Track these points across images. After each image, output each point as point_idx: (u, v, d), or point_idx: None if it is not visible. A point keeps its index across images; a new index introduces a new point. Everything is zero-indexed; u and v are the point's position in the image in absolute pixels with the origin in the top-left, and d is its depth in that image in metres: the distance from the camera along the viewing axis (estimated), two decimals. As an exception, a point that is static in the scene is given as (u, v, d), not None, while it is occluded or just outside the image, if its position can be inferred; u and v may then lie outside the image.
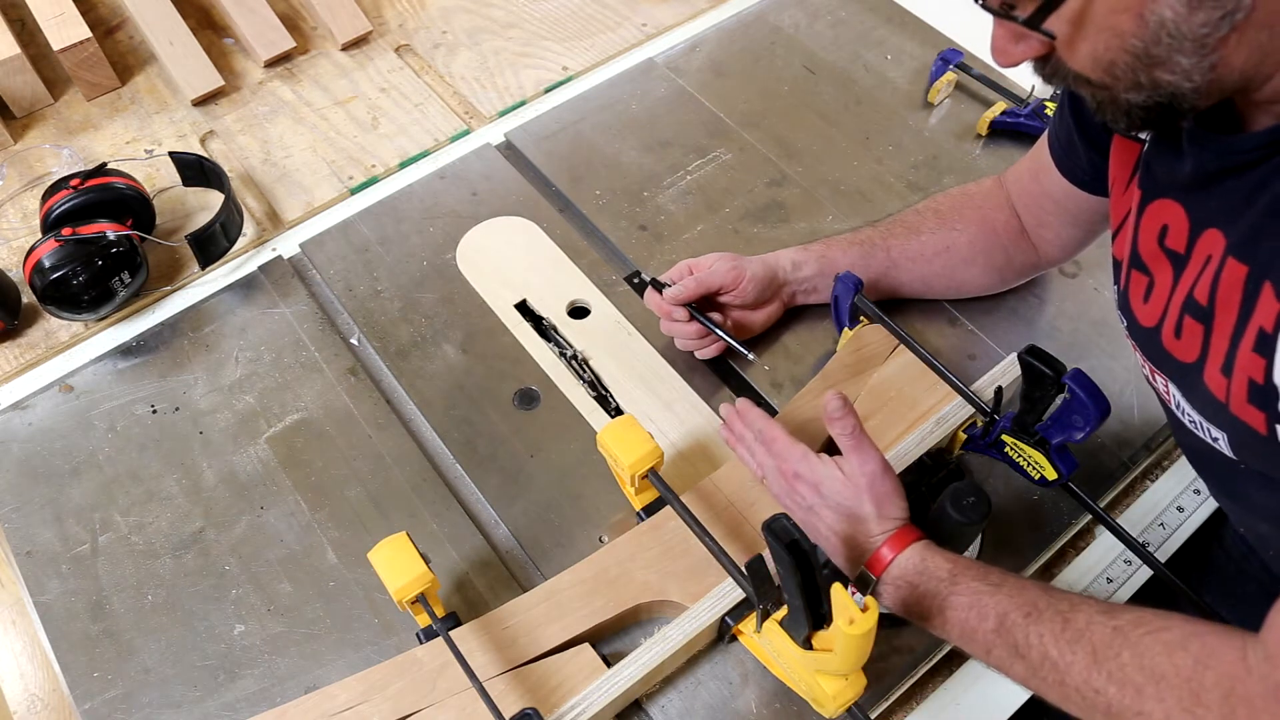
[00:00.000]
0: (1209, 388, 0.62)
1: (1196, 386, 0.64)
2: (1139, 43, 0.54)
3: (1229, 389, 0.60)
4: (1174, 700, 0.57)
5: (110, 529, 0.85)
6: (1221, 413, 0.62)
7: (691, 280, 0.89)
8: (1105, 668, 0.60)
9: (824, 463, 0.75)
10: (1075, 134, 0.80)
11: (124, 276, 0.94)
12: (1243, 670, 0.56)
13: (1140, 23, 0.53)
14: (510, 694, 0.71)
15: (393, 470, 0.88)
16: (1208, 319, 0.62)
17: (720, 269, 0.89)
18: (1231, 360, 0.60)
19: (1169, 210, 0.65)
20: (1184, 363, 0.65)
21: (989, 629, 0.65)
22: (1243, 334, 0.58)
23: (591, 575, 0.78)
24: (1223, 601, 0.91)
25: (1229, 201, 0.60)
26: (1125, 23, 0.54)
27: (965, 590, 0.68)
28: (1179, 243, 0.64)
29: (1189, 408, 0.67)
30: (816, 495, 0.74)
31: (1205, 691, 0.56)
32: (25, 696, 0.80)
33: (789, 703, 0.76)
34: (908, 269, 0.93)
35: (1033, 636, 0.63)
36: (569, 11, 1.29)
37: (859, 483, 0.72)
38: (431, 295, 1.00)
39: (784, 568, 0.60)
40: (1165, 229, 0.66)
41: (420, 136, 1.15)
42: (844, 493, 0.73)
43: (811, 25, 1.28)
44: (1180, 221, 0.64)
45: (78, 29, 1.14)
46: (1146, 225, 0.68)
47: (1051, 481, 0.81)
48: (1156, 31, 0.53)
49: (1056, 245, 0.91)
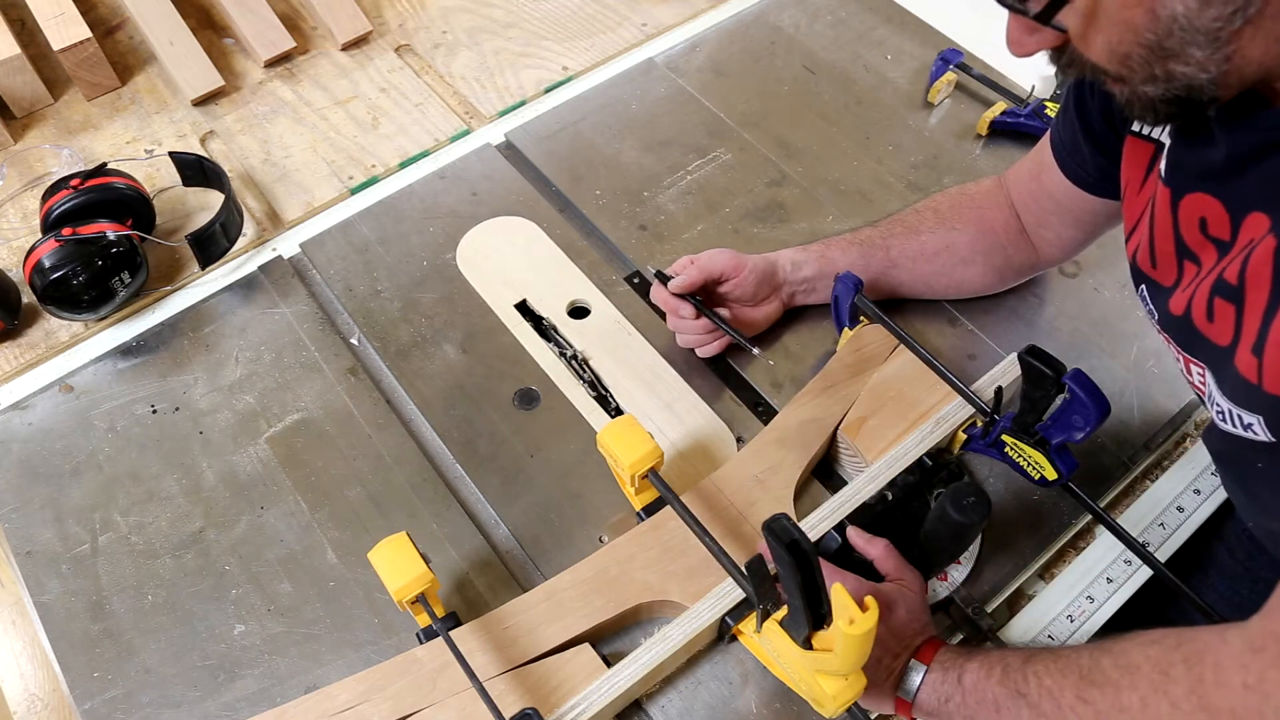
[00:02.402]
0: (1239, 371, 0.62)
1: (1228, 372, 0.64)
2: (1152, 35, 0.54)
3: (1260, 368, 0.59)
4: (1146, 685, 0.58)
5: (110, 529, 0.85)
6: (1255, 395, 0.61)
7: (694, 268, 0.90)
8: (1090, 678, 0.61)
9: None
10: (1081, 136, 0.80)
11: (124, 276, 0.94)
12: (1218, 641, 0.56)
13: (1152, 17, 0.53)
14: (510, 694, 0.71)
15: (393, 470, 0.88)
16: (1238, 298, 0.61)
17: (721, 256, 0.90)
18: (1264, 338, 0.58)
19: (1203, 203, 0.65)
20: (1219, 346, 0.64)
21: (995, 682, 0.66)
22: (1278, 308, 0.57)
23: (591, 575, 0.78)
24: (1225, 602, 0.91)
25: (1269, 180, 0.59)
26: (1137, 16, 0.54)
27: (976, 655, 0.69)
28: (1223, 231, 0.63)
29: (1219, 396, 0.66)
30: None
31: (1173, 666, 0.57)
32: (25, 696, 0.80)
33: (789, 703, 0.76)
34: (907, 269, 0.93)
35: (1029, 674, 0.65)
36: (569, 11, 1.29)
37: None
38: (431, 295, 1.00)
39: (784, 568, 0.60)
40: (1204, 221, 0.65)
41: (420, 136, 1.15)
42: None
43: (811, 25, 1.28)
44: (1218, 212, 0.64)
45: (78, 29, 1.14)
46: (1185, 219, 0.67)
47: (1051, 481, 0.81)
48: (1169, 25, 0.53)
49: (1056, 245, 0.91)
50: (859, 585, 0.74)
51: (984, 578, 0.83)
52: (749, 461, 0.85)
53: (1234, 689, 0.53)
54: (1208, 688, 0.55)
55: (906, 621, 0.72)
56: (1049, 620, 0.82)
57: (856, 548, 0.78)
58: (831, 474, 0.89)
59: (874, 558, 0.77)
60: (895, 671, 0.71)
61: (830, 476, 0.89)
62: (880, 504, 0.81)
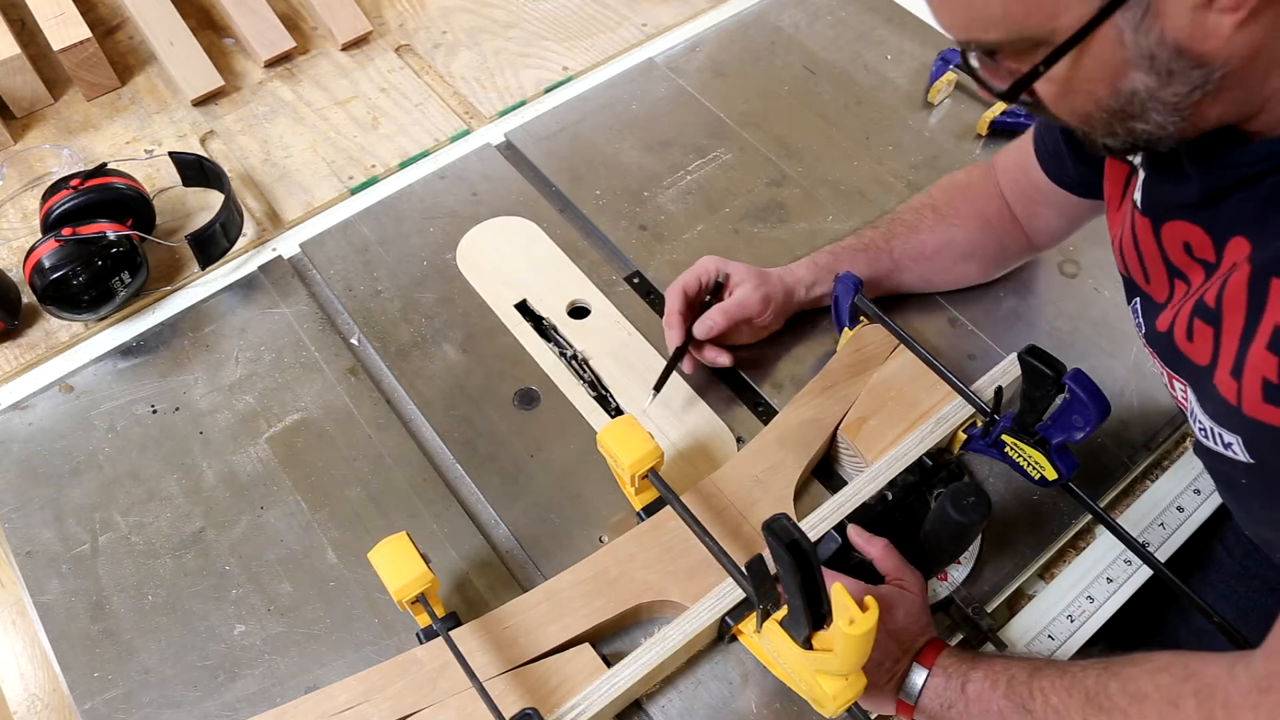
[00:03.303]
0: (1220, 391, 0.62)
1: (1208, 391, 0.64)
2: (1114, 104, 0.56)
3: (1240, 391, 0.60)
4: (1155, 716, 0.58)
5: (110, 529, 0.85)
6: (1233, 416, 0.62)
7: (720, 317, 0.89)
8: (1096, 702, 0.61)
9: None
10: (1064, 145, 0.81)
11: (124, 276, 0.94)
12: (1226, 678, 0.56)
13: (1114, 91, 0.55)
14: (510, 694, 0.71)
15: (393, 470, 0.88)
16: (1216, 321, 0.62)
17: (750, 302, 0.89)
18: (1242, 362, 0.59)
19: (1185, 230, 0.65)
20: (1198, 365, 0.65)
21: (999, 694, 0.66)
22: (1254, 334, 0.58)
23: (591, 575, 0.78)
24: (1224, 602, 0.91)
25: (1246, 208, 0.60)
26: (1100, 90, 0.55)
27: (981, 663, 0.69)
28: (1207, 254, 0.64)
29: (1201, 414, 0.67)
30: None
31: (1183, 699, 0.57)
32: (25, 696, 0.80)
33: (789, 703, 0.76)
34: (910, 269, 0.94)
35: (1035, 690, 0.65)
36: (569, 11, 1.29)
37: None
38: (431, 295, 1.00)
39: (784, 568, 0.60)
40: (1188, 245, 0.65)
41: (420, 136, 1.15)
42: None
43: (811, 25, 1.28)
44: (1201, 236, 0.64)
45: (78, 29, 1.14)
46: (1169, 244, 0.67)
47: (1051, 481, 0.81)
48: (1130, 97, 0.55)
49: (1047, 234, 0.92)
50: (857, 588, 0.74)
51: (984, 578, 0.83)
52: (749, 461, 0.85)
53: None
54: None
55: (906, 624, 0.72)
56: (1049, 620, 0.82)
57: (856, 547, 0.78)
58: (831, 474, 0.89)
59: (873, 557, 0.77)
60: (897, 675, 0.71)
61: (830, 476, 0.89)
62: (880, 504, 0.81)
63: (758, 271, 0.91)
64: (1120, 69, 0.53)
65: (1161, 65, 0.52)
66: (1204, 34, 0.50)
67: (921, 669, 0.70)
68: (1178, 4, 0.49)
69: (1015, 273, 1.00)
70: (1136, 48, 0.52)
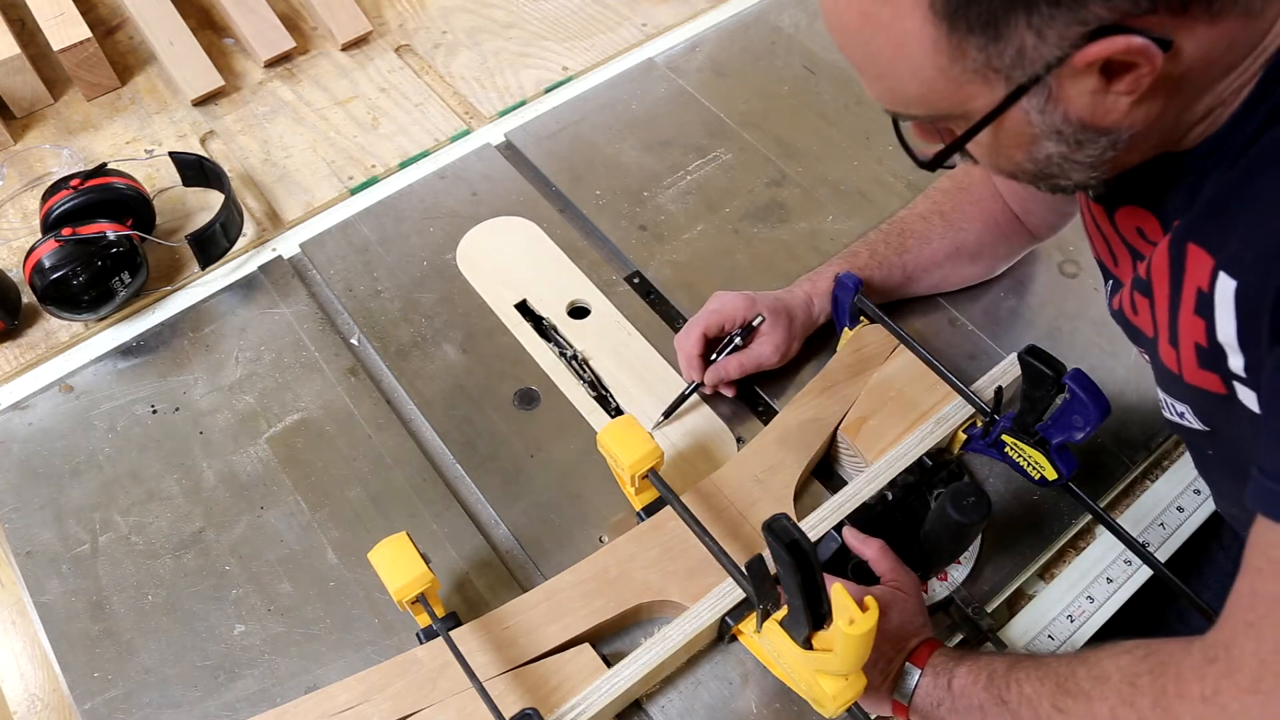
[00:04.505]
0: (1164, 362, 0.64)
1: (1157, 361, 0.66)
2: (1032, 167, 0.60)
3: (1179, 359, 0.62)
4: (1115, 696, 0.59)
5: (110, 529, 0.85)
6: (1178, 384, 0.63)
7: (736, 371, 0.89)
8: (1065, 688, 0.62)
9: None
10: None
11: (124, 276, 0.94)
12: (1181, 653, 0.57)
13: (1031, 157, 0.59)
14: (510, 694, 0.71)
15: (393, 470, 0.88)
16: (1148, 291, 0.64)
17: (767, 357, 0.89)
18: (1175, 329, 0.61)
19: (1136, 215, 0.67)
20: (1147, 336, 0.67)
21: (980, 688, 0.67)
22: (1179, 300, 0.60)
23: (591, 575, 0.78)
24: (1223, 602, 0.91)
25: (1180, 199, 0.62)
26: (1018, 155, 0.59)
27: (966, 659, 0.70)
28: (1158, 237, 0.66)
29: (1157, 387, 0.69)
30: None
31: (1140, 677, 0.58)
32: (25, 696, 0.80)
33: (789, 703, 0.76)
34: (922, 279, 0.95)
35: (1011, 681, 0.65)
36: (569, 11, 1.29)
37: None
38: (431, 295, 1.00)
39: (784, 568, 0.60)
40: (1140, 230, 0.68)
41: (420, 136, 1.15)
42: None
43: (811, 25, 1.28)
44: (1151, 222, 0.66)
45: (78, 29, 1.14)
46: (1124, 228, 0.69)
47: (1051, 481, 0.81)
48: (1046, 161, 0.59)
49: (1043, 225, 0.93)
50: (852, 591, 0.74)
51: (984, 578, 0.83)
52: (749, 461, 0.85)
53: (1194, 701, 0.55)
54: (1170, 699, 0.56)
55: (900, 625, 0.72)
56: (1049, 620, 0.82)
57: (851, 548, 0.78)
58: (831, 474, 0.89)
59: (869, 558, 0.77)
60: (891, 675, 0.71)
61: (830, 476, 0.89)
62: (880, 504, 0.81)
63: (785, 318, 0.90)
64: (1033, 140, 0.57)
65: (1069, 137, 0.56)
66: (1104, 111, 0.54)
67: (915, 669, 0.71)
68: (1076, 89, 0.53)
69: (1015, 272, 1.00)
70: (1044, 125, 0.56)
